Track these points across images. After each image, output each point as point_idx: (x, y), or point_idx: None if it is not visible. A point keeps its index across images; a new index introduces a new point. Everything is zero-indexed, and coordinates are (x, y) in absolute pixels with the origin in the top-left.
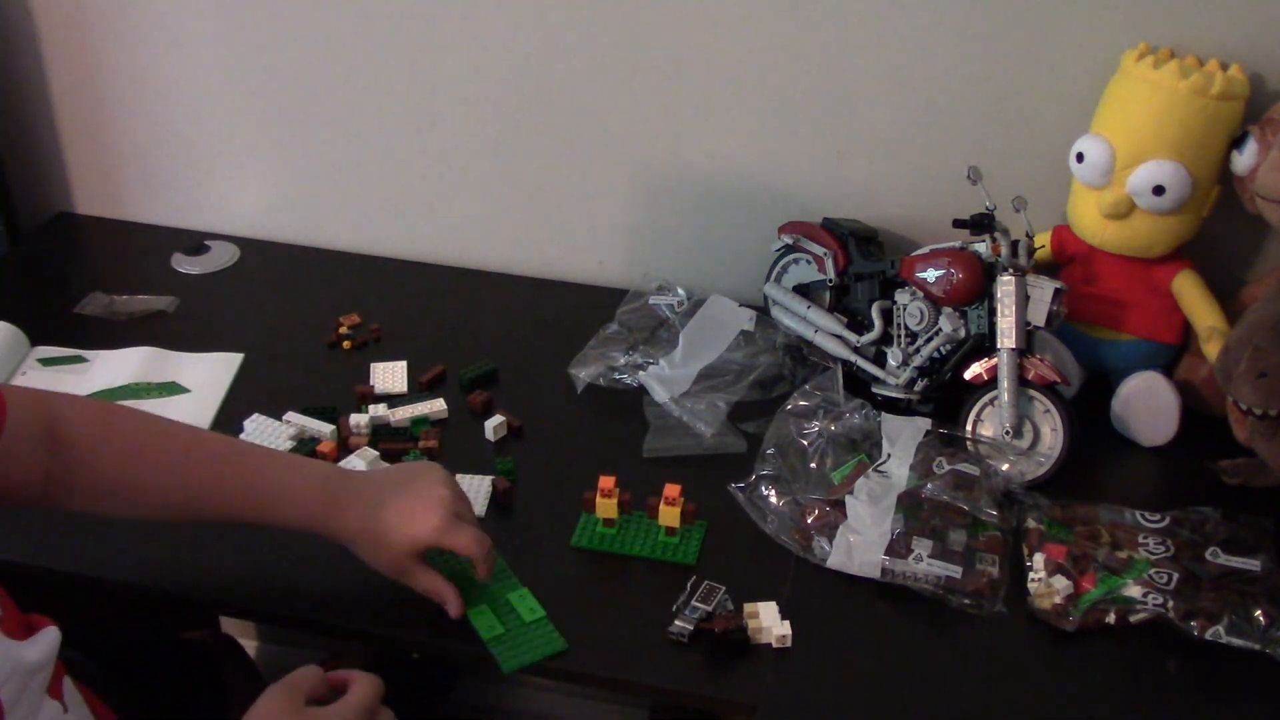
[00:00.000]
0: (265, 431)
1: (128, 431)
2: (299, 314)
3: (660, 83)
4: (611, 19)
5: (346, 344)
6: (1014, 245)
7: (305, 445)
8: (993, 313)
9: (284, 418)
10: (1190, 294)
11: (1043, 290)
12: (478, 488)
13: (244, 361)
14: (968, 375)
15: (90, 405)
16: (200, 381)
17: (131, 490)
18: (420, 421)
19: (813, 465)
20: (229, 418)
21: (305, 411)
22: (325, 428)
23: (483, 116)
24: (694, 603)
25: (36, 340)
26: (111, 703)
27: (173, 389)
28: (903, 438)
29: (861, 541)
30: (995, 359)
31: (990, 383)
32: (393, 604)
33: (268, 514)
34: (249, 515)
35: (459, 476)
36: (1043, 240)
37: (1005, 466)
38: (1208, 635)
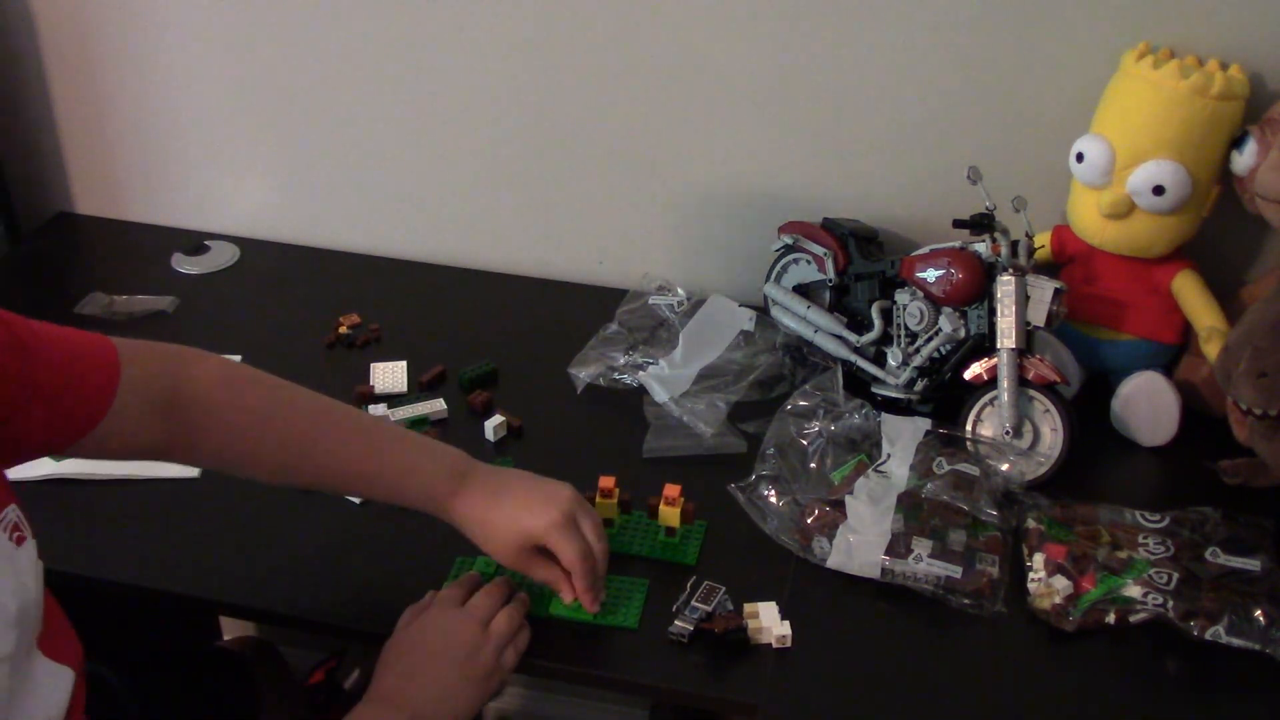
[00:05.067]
0: None
1: (253, 402)
2: (299, 314)
3: (660, 82)
4: (612, 19)
5: (345, 340)
6: (1014, 245)
7: None
8: (993, 313)
9: None
10: (1190, 294)
11: (1043, 290)
12: None
13: (243, 362)
14: (968, 375)
15: (217, 370)
16: None
17: (254, 458)
18: (420, 421)
19: (813, 465)
20: None
21: None
22: None
23: (483, 116)
24: (694, 603)
25: None
26: (135, 715)
27: None
28: (903, 438)
29: (861, 541)
30: (995, 359)
31: (990, 383)
32: (393, 604)
33: (392, 493)
34: (370, 492)
35: None
36: (1043, 240)
37: (1005, 466)
38: (1208, 635)
